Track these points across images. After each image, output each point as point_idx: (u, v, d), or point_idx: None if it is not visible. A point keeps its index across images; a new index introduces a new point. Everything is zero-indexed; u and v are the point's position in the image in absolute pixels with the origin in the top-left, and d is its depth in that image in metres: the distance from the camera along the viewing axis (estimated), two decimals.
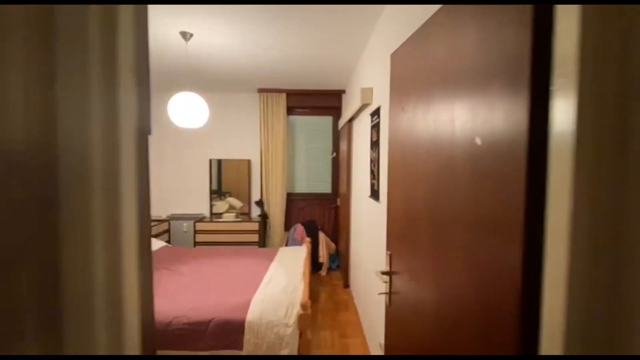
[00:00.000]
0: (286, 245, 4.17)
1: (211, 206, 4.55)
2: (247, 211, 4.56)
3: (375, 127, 2.27)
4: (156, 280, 2.66)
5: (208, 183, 4.52)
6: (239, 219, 4.34)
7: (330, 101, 4.41)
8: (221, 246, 4.16)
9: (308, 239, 3.69)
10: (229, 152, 4.55)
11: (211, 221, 4.26)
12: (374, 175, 2.28)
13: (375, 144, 2.28)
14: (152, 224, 4.09)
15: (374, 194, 2.28)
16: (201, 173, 4.53)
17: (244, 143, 4.55)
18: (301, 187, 4.69)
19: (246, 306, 2.19)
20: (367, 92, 2.46)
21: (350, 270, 3.64)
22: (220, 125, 4.53)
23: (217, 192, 4.59)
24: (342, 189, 4.05)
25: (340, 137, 4.37)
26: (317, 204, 4.62)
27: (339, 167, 4.44)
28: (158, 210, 4.57)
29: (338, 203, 4.53)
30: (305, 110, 4.57)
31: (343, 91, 4.33)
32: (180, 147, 4.55)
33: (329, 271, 4.23)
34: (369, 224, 2.54)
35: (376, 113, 2.26)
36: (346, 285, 3.70)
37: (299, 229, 4.20)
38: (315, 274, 3.92)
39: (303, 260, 3.09)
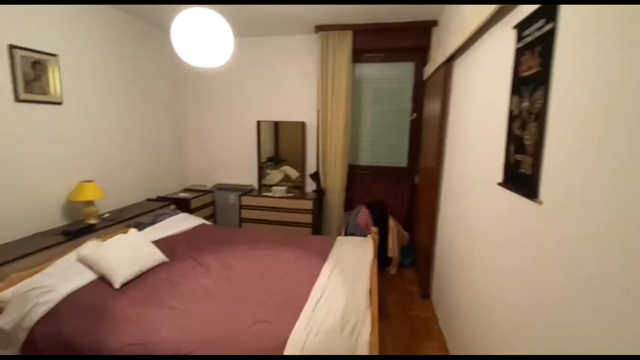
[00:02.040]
0: (345, 231, 3.28)
1: (260, 176, 3.83)
2: (300, 185, 3.74)
3: (533, 49, 1.13)
4: (174, 278, 2.01)
5: (256, 150, 3.77)
6: (291, 194, 3.55)
7: (413, 39, 3.18)
8: (268, 226, 3.46)
9: (375, 229, 2.74)
10: (279, 112, 3.69)
11: (259, 195, 3.55)
12: (522, 145, 1.17)
13: (529, 83, 1.15)
14: (195, 195, 3.53)
15: (522, 183, 1.19)
16: (250, 138, 3.78)
17: (297, 101, 3.63)
18: (367, 159, 3.67)
19: (279, 348, 1.38)
20: None
21: (434, 275, 2.63)
22: (268, 78, 3.65)
23: (274, 160, 3.83)
24: (426, 162, 2.93)
25: (426, 91, 3.17)
26: (387, 181, 3.58)
27: (422, 133, 3.29)
28: (203, 179, 4.01)
29: (416, 181, 3.43)
30: (377, 55, 3.41)
31: (434, 22, 3.05)
32: (225, 107, 3.82)
33: (400, 268, 3.27)
34: (495, 231, 1.47)
35: (535, 19, 1.11)
36: (425, 294, 2.71)
37: (363, 212, 3.26)
38: (381, 272, 3.00)
39: (369, 264, 2.17)
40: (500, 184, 1.34)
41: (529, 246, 1.11)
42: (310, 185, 3.72)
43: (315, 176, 3.62)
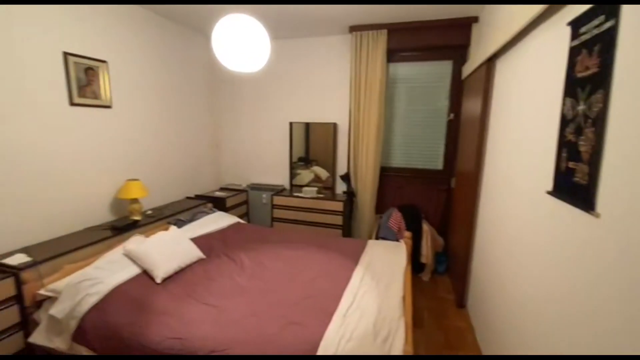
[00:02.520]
0: (377, 234, 3.23)
1: (291, 177, 3.88)
2: (330, 186, 3.74)
3: (590, 48, 1.04)
4: (210, 275, 2.08)
5: (288, 150, 3.81)
6: (321, 195, 3.56)
7: (452, 36, 3.05)
8: (299, 226, 3.49)
9: (408, 234, 2.67)
10: (311, 113, 3.71)
11: (290, 195, 3.59)
12: (577, 152, 1.08)
13: (585, 84, 1.06)
14: (230, 194, 3.64)
15: (575, 193, 1.10)
16: (282, 139, 3.84)
17: (329, 102, 3.62)
18: (400, 161, 3.58)
19: (311, 352, 1.38)
20: None
21: (471, 284, 2.52)
22: (301, 80, 3.68)
23: (304, 160, 3.86)
24: (464, 165, 2.81)
25: (464, 90, 3.04)
26: (421, 184, 3.47)
27: (459, 135, 3.16)
28: (237, 178, 4.13)
29: (452, 185, 3.30)
30: (413, 54, 3.32)
31: (474, 19, 2.91)
32: (259, 108, 3.90)
33: (433, 275, 3.17)
34: (542, 243, 1.38)
35: (593, 16, 1.02)
36: (461, 304, 2.60)
37: (395, 215, 3.19)
38: (414, 278, 2.92)
39: (402, 270, 2.12)
40: (549, 193, 1.25)
41: (583, 262, 1.02)
42: (340, 187, 3.70)
43: (346, 177, 3.59)
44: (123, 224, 2.42)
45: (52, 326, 1.68)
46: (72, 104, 2.29)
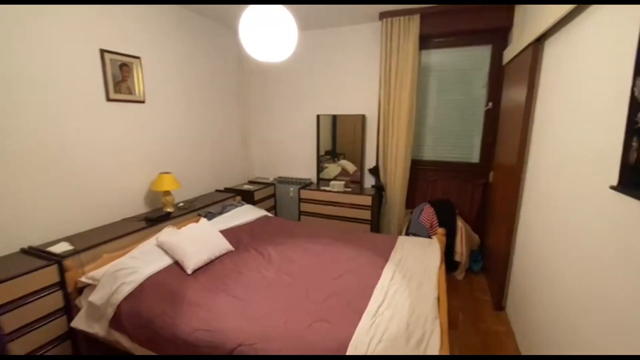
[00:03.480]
0: (407, 231, 3.12)
1: (318, 170, 3.83)
2: (358, 180, 3.65)
3: None
4: (239, 267, 2.09)
5: (315, 143, 3.76)
6: (349, 189, 3.48)
7: (491, 19, 2.83)
8: (327, 220, 3.45)
9: (441, 230, 2.54)
10: (339, 105, 3.62)
11: (318, 189, 3.54)
12: None
13: None
14: (258, 187, 3.66)
15: None
16: (309, 132, 3.79)
17: (357, 93, 3.52)
18: (432, 153, 3.42)
19: (340, 351, 1.33)
20: None
21: (511, 286, 2.35)
22: (329, 71, 3.60)
23: (331, 154, 3.80)
24: (504, 158, 2.62)
25: (505, 77, 2.82)
26: (455, 178, 3.30)
27: (498, 125, 2.95)
28: (265, 172, 4.15)
29: (490, 179, 3.10)
30: (447, 39, 3.13)
31: None
32: (286, 102, 3.88)
33: (468, 274, 3.01)
34: (603, 244, 1.23)
35: None
36: (499, 306, 2.44)
37: (427, 210, 3.05)
38: (447, 276, 2.78)
39: (435, 269, 2.01)
40: (614, 188, 1.09)
41: None
42: (369, 180, 3.61)
43: (374, 171, 3.49)
44: (156, 216, 2.49)
45: (92, 312, 1.75)
46: (109, 99, 2.37)
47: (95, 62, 2.27)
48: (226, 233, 2.47)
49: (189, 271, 1.96)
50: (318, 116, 3.68)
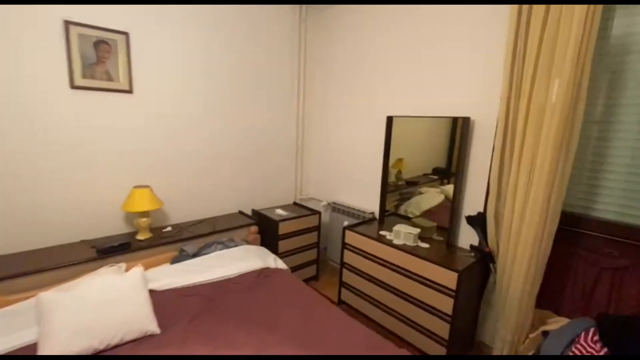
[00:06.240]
0: (537, 353, 1.45)
1: (382, 200, 2.43)
2: (446, 227, 2.07)
3: None
4: None
5: (381, 161, 2.41)
6: (425, 246, 2.00)
7: None
8: (380, 290, 2.08)
9: None
10: (422, 102, 2.17)
11: (364, 234, 2.18)
12: None
13: None
14: (294, 214, 2.64)
15: None
16: (375, 144, 2.48)
17: (455, 83, 1.98)
18: (614, 207, 1.54)
19: None
20: None
21: None
22: (415, 55, 2.19)
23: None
24: None
25: None
26: None
27: None
28: (320, 193, 3.06)
29: None
30: None
31: None
32: (351, 100, 2.68)
33: None
34: None
35: None
36: None
37: (590, 336, 1.30)
38: None
39: None
40: None
41: None
42: (466, 236, 2.01)
43: (477, 221, 1.88)
44: (106, 246, 1.81)
45: None
46: (74, 86, 1.82)
47: (54, 37, 1.74)
48: (167, 296, 1.55)
49: None
50: (389, 118, 2.32)
